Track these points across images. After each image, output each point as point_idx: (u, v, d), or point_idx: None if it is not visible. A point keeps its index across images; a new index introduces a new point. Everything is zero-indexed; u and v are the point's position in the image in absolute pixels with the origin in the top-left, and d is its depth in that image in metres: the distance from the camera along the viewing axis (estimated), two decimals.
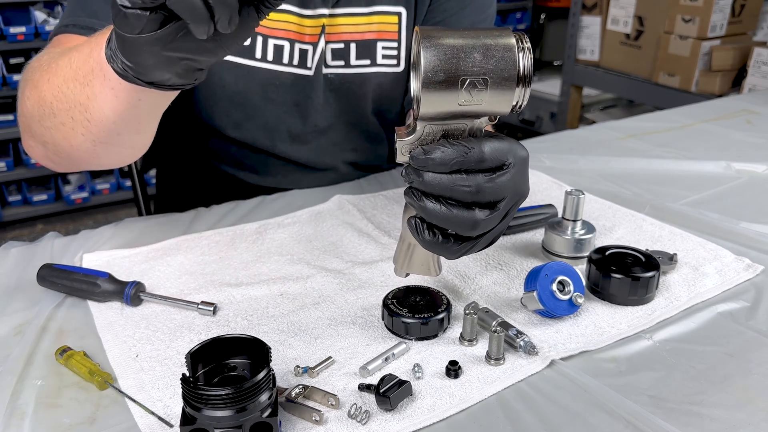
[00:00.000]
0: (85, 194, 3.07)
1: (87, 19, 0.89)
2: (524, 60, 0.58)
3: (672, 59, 2.92)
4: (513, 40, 0.58)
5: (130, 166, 1.30)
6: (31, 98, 0.80)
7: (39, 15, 2.82)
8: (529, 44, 0.58)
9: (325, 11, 1.01)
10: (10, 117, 2.82)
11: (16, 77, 2.77)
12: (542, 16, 4.41)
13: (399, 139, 0.62)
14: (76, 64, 0.72)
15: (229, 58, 0.99)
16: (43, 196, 3.02)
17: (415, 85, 0.62)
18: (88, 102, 0.72)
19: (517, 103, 0.59)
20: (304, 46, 1.02)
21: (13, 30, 2.73)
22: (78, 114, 0.74)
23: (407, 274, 0.71)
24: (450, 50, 0.57)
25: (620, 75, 3.19)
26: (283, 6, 0.99)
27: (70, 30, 0.89)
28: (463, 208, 0.61)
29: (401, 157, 0.62)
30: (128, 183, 3.10)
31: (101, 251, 0.89)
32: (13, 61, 2.84)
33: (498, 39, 0.58)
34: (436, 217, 0.61)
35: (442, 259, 0.70)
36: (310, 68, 1.04)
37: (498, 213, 0.62)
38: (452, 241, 0.63)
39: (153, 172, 1.40)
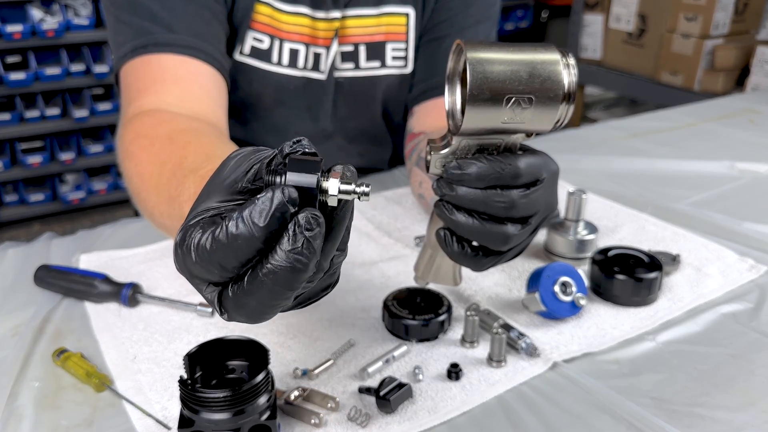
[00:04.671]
0: (82, 194, 3.06)
1: (165, 34, 0.86)
2: (569, 77, 0.56)
3: (675, 58, 2.91)
4: (558, 57, 0.56)
5: None
6: (132, 179, 0.78)
7: (35, 13, 2.81)
8: (573, 60, 0.57)
9: (338, 14, 1.01)
10: (7, 116, 2.81)
11: (12, 76, 2.76)
12: (544, 14, 4.40)
13: (434, 152, 0.60)
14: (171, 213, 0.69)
15: (244, 59, 0.99)
16: (40, 196, 3.01)
17: (450, 98, 0.61)
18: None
19: (559, 120, 0.58)
20: (318, 50, 1.02)
21: (9, 28, 2.72)
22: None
23: (428, 283, 0.70)
24: (497, 67, 0.55)
25: (623, 73, 3.18)
26: (298, 8, 0.99)
27: (151, 50, 0.86)
28: (495, 222, 0.59)
29: (434, 170, 0.60)
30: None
31: (98, 252, 0.88)
32: (9, 59, 2.83)
33: (543, 56, 0.56)
34: (468, 231, 0.60)
35: (464, 268, 0.69)
36: (323, 72, 1.03)
37: (529, 227, 0.61)
38: (480, 253, 0.62)
39: None
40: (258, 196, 0.41)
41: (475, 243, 0.61)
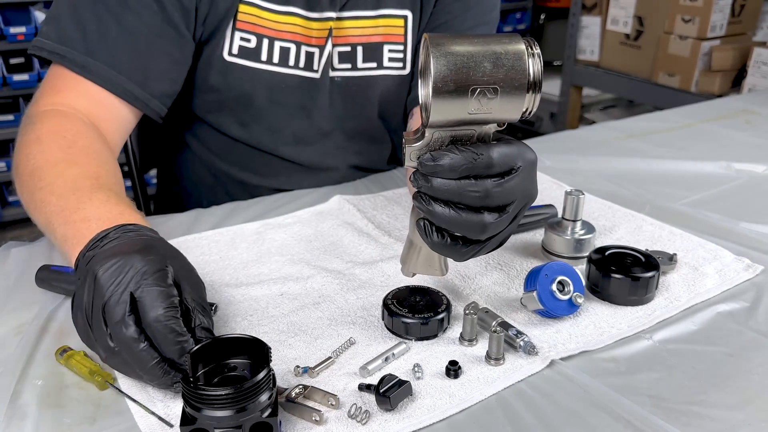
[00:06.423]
0: None
1: (83, 56, 0.89)
2: (534, 66, 0.57)
3: (672, 59, 2.92)
4: (522, 47, 0.57)
5: (129, 165, 1.30)
6: (21, 196, 0.83)
7: (39, 15, 2.82)
8: (538, 50, 0.58)
9: (332, 14, 1.01)
10: (10, 117, 2.81)
11: (16, 77, 2.77)
12: (542, 17, 4.41)
13: (407, 145, 0.61)
14: (54, 223, 0.75)
15: (233, 59, 0.99)
16: None
17: (423, 92, 0.62)
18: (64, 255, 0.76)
19: (527, 109, 0.59)
20: (311, 49, 1.02)
21: (13, 30, 2.73)
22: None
23: (414, 274, 0.71)
24: (460, 59, 0.56)
25: (620, 75, 3.19)
26: (290, 8, 0.99)
27: (66, 64, 0.89)
28: (472, 211, 0.61)
29: (409, 163, 0.61)
30: (128, 183, 3.04)
31: None
32: (13, 61, 2.84)
33: (507, 46, 0.57)
34: (445, 221, 0.61)
35: (450, 259, 0.70)
36: (316, 71, 1.04)
37: (507, 216, 0.62)
38: (460, 243, 0.63)
39: (153, 172, 1.40)
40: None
41: (459, 233, 0.62)
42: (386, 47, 1.07)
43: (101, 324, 0.61)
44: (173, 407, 0.62)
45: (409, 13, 1.06)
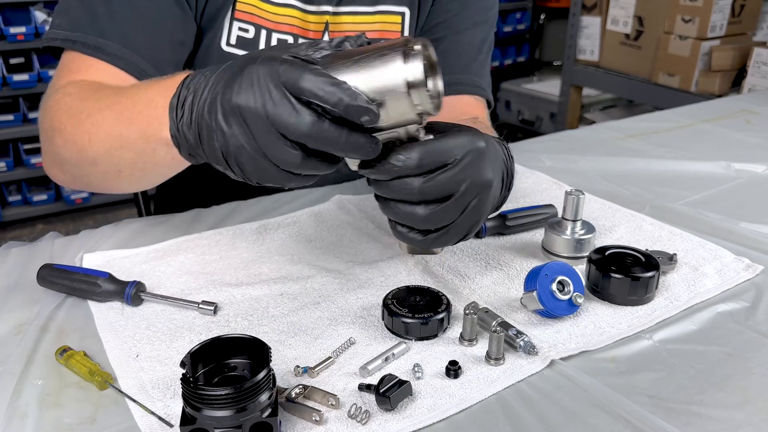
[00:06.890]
0: (85, 194, 3.07)
1: (95, 38, 0.88)
2: (411, 69, 0.56)
3: (672, 59, 2.92)
4: (398, 53, 0.57)
5: None
6: (67, 148, 0.80)
7: (39, 15, 2.82)
8: (418, 48, 0.57)
9: (329, 8, 1.02)
10: (10, 117, 2.82)
11: (16, 77, 2.77)
12: (542, 17, 4.41)
13: None
14: (122, 131, 0.73)
15: (231, 50, 0.99)
16: (43, 196, 3.03)
17: None
18: (144, 166, 0.75)
19: (423, 109, 0.59)
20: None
21: (13, 30, 2.74)
22: (128, 171, 0.78)
23: (413, 254, 0.73)
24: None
25: (620, 75, 3.19)
26: (288, 0, 1.00)
27: (79, 48, 0.88)
28: (408, 204, 0.64)
29: (353, 168, 0.65)
30: None
31: (101, 251, 0.89)
32: (13, 61, 2.85)
33: (383, 56, 0.57)
34: (391, 215, 0.66)
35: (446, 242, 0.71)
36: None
37: (452, 204, 0.63)
38: (419, 233, 0.67)
39: None
40: None
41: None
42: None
43: (275, 135, 0.58)
44: (173, 407, 0.62)
45: (406, 10, 1.06)
